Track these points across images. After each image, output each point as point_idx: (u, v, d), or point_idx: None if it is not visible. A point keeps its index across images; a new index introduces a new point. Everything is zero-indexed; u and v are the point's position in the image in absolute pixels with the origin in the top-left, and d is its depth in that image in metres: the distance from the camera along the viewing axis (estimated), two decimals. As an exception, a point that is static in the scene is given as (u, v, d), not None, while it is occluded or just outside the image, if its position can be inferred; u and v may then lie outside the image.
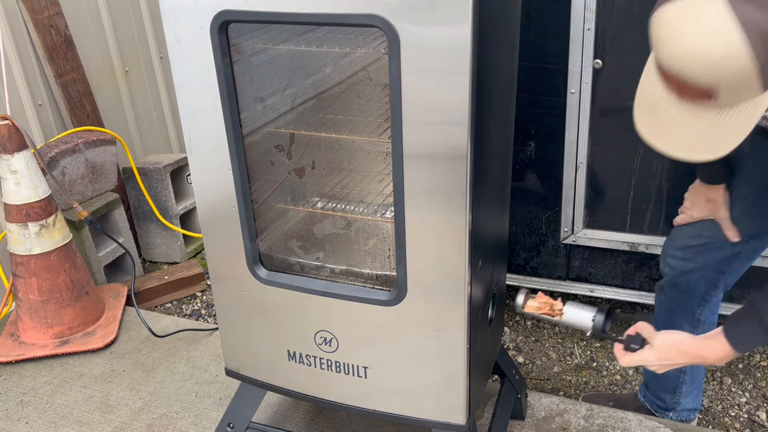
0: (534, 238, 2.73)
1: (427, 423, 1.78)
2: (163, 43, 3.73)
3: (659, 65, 1.22)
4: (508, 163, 1.90)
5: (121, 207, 3.30)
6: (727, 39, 1.08)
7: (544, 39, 2.36)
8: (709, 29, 1.09)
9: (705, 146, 1.23)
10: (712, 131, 1.21)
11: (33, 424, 2.41)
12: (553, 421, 2.30)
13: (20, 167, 2.59)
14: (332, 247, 1.88)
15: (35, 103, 3.12)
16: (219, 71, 1.55)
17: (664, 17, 1.16)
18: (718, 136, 1.21)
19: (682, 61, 1.15)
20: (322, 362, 1.82)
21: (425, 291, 1.61)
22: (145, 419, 2.41)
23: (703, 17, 1.10)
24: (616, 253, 2.64)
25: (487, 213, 1.67)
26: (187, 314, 3.21)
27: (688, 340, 1.61)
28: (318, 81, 1.78)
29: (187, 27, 1.52)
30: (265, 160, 1.80)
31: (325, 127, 1.79)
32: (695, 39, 1.11)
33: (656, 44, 1.20)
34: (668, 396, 2.29)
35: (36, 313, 2.74)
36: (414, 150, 1.45)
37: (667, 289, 2.13)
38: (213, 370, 2.63)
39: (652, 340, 1.65)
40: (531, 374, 2.76)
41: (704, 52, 1.11)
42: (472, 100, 1.37)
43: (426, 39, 1.34)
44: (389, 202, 1.85)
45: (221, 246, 1.78)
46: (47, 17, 3.11)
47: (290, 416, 2.37)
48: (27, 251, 2.67)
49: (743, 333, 1.52)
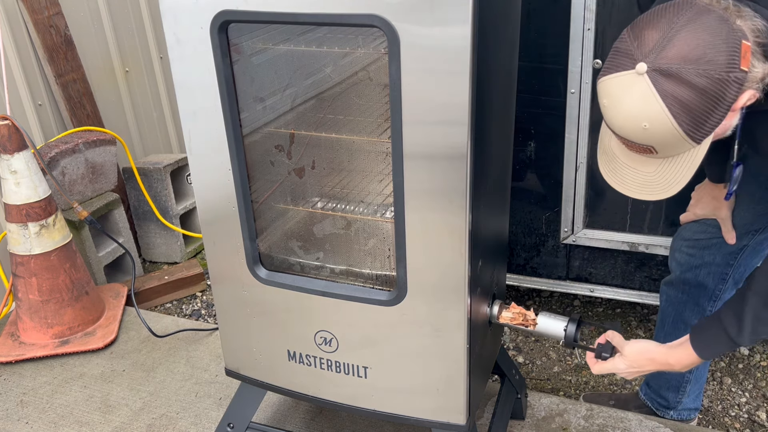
0: (534, 238, 2.73)
1: (427, 423, 1.78)
2: (163, 43, 3.73)
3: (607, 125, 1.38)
4: (508, 163, 1.90)
5: (121, 207, 3.30)
6: (652, 111, 1.25)
7: (544, 39, 2.36)
8: (638, 102, 1.26)
9: (656, 188, 1.40)
10: (659, 176, 1.38)
11: (33, 424, 2.41)
12: (553, 421, 2.30)
13: (20, 167, 2.59)
14: (332, 247, 1.88)
15: (35, 103, 3.12)
16: (219, 71, 1.55)
17: (604, 87, 1.33)
18: (665, 180, 1.38)
19: (620, 127, 1.32)
20: (322, 362, 1.82)
21: (425, 291, 1.61)
22: (145, 419, 2.41)
23: (632, 92, 1.26)
24: (616, 253, 2.64)
25: (487, 213, 1.67)
26: (187, 314, 3.21)
27: (656, 349, 1.70)
28: (318, 81, 1.78)
29: (187, 27, 1.52)
30: (265, 160, 1.80)
31: (325, 127, 1.79)
32: (628, 110, 1.28)
33: (601, 108, 1.36)
34: (671, 394, 2.29)
35: (36, 313, 2.74)
36: (414, 150, 1.45)
37: (676, 285, 2.14)
38: (213, 370, 2.63)
39: (622, 349, 1.72)
40: (531, 374, 2.76)
41: (636, 122, 1.28)
42: (472, 100, 1.37)
43: (426, 39, 1.34)
44: (389, 202, 1.85)
45: (221, 246, 1.78)
46: (47, 17, 3.11)
47: (290, 416, 2.37)
48: (27, 251, 2.67)
49: (708, 342, 1.62)
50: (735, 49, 1.24)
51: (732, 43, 1.24)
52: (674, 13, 1.27)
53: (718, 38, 1.24)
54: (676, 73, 1.23)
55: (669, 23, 1.26)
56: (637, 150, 1.36)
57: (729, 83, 1.24)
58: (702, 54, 1.23)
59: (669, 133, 1.28)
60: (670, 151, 1.33)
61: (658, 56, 1.24)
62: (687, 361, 1.65)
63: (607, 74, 1.32)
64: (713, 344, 1.62)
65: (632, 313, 3.04)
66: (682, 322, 2.17)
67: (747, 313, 1.54)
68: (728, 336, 1.58)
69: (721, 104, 1.26)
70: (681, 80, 1.23)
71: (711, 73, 1.23)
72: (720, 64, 1.23)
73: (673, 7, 1.29)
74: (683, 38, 1.24)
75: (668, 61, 1.23)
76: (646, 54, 1.25)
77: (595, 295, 2.76)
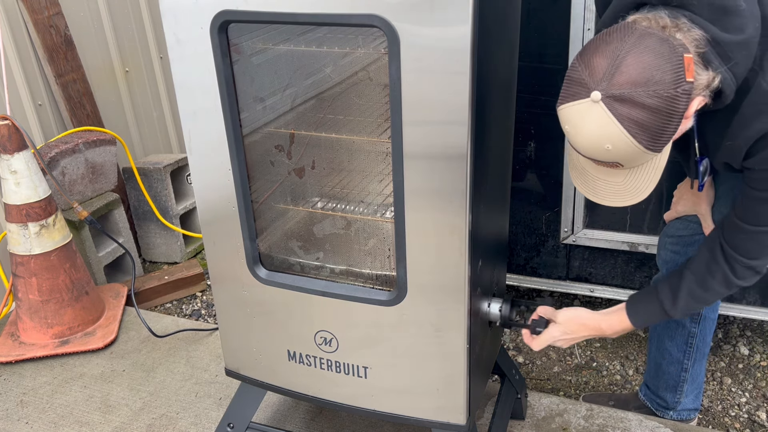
0: (534, 238, 2.73)
1: (427, 423, 1.78)
2: (163, 43, 3.73)
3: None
4: (508, 163, 1.90)
5: (121, 207, 3.30)
6: (612, 133, 1.34)
7: (544, 39, 2.36)
8: (597, 127, 1.34)
9: (627, 195, 1.50)
10: (629, 185, 1.48)
11: (33, 424, 2.41)
12: (553, 421, 2.30)
13: (20, 167, 2.59)
14: (332, 247, 1.88)
15: (35, 103, 3.12)
16: (219, 71, 1.55)
17: (564, 114, 1.40)
18: (634, 187, 1.48)
19: (585, 150, 1.41)
20: (322, 362, 1.82)
21: (425, 291, 1.61)
22: (145, 419, 2.41)
23: (591, 118, 1.34)
24: (616, 253, 2.64)
25: (487, 213, 1.67)
26: (187, 314, 3.21)
27: (588, 314, 1.83)
28: (318, 81, 1.78)
29: (187, 27, 1.52)
30: (265, 160, 1.80)
31: (325, 127, 1.79)
32: (589, 134, 1.36)
33: (565, 132, 1.43)
34: (669, 395, 2.29)
35: (36, 313, 2.74)
36: (414, 150, 1.45)
37: None
38: (213, 370, 2.63)
39: (555, 318, 1.84)
40: (531, 374, 2.76)
41: (598, 144, 1.37)
42: (472, 100, 1.37)
43: (426, 39, 1.34)
44: (389, 202, 1.85)
45: (221, 246, 1.78)
46: (47, 17, 3.11)
47: (290, 416, 2.37)
48: (27, 251, 2.67)
49: (643, 311, 1.77)
50: (678, 65, 1.33)
51: (675, 61, 1.33)
52: (618, 39, 1.35)
53: (661, 59, 1.32)
54: (628, 98, 1.31)
55: (614, 51, 1.34)
56: (605, 165, 1.44)
57: (678, 97, 1.33)
58: (650, 77, 1.31)
59: (630, 150, 1.36)
60: (634, 162, 1.42)
61: (610, 83, 1.32)
62: (619, 327, 1.79)
63: (564, 103, 1.40)
64: (647, 314, 1.77)
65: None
66: (673, 321, 2.18)
67: (682, 289, 1.70)
68: (662, 307, 1.73)
69: (674, 116, 1.35)
70: (634, 103, 1.31)
71: (660, 92, 1.31)
72: (667, 83, 1.31)
73: (616, 32, 1.37)
74: (630, 64, 1.32)
75: (619, 87, 1.31)
76: (597, 82, 1.33)
77: (595, 295, 2.76)
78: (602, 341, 2.90)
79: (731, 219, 1.65)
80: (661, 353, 2.25)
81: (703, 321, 2.14)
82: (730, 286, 1.67)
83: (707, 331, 2.18)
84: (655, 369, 2.30)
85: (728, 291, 1.69)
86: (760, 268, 1.65)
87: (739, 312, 2.54)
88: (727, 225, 1.67)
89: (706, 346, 2.21)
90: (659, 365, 2.28)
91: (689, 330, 2.16)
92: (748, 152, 1.54)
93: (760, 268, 1.65)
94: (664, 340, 2.22)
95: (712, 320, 2.16)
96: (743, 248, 1.63)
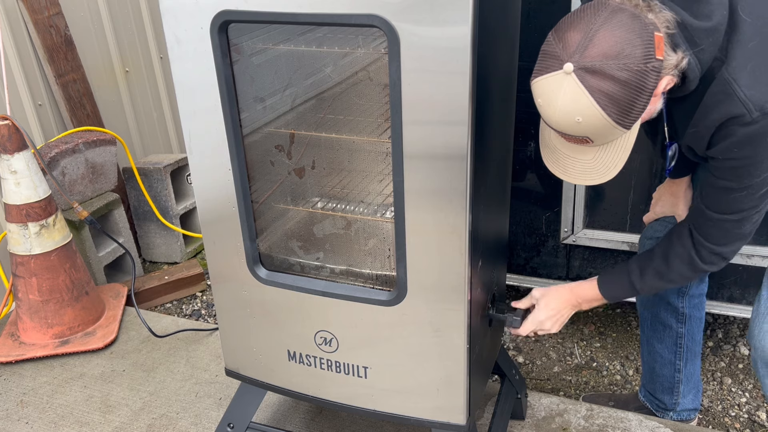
0: (534, 238, 2.73)
1: (427, 423, 1.78)
2: (163, 43, 3.73)
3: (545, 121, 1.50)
4: (508, 163, 1.90)
5: (121, 207, 3.30)
6: (583, 105, 1.37)
7: (544, 39, 2.36)
8: (569, 99, 1.37)
9: (595, 173, 1.53)
10: (597, 163, 1.51)
11: (33, 424, 2.41)
12: (553, 421, 2.30)
13: (20, 167, 2.59)
14: (332, 247, 1.88)
15: (35, 103, 3.12)
16: (219, 71, 1.55)
17: (537, 87, 1.43)
18: (603, 165, 1.51)
19: (556, 123, 1.43)
20: (322, 362, 1.82)
21: (425, 291, 1.61)
22: (145, 419, 2.41)
23: (563, 90, 1.37)
24: (616, 253, 2.64)
25: (487, 213, 1.67)
26: (187, 314, 3.21)
27: (563, 287, 1.90)
28: (318, 81, 1.78)
29: (187, 27, 1.52)
30: (265, 160, 1.80)
31: (325, 127, 1.79)
32: (561, 106, 1.39)
33: (537, 107, 1.46)
34: (666, 397, 2.29)
35: (36, 313, 2.74)
36: (414, 150, 1.45)
37: None
38: (213, 370, 2.63)
39: (537, 303, 1.90)
40: (531, 374, 2.76)
41: (570, 117, 1.39)
42: (472, 100, 1.37)
43: (426, 39, 1.34)
44: (389, 202, 1.85)
45: (221, 246, 1.78)
46: (47, 17, 3.12)
47: (290, 416, 2.37)
48: (27, 251, 2.67)
49: (613, 284, 1.84)
50: (649, 42, 1.36)
51: (646, 37, 1.36)
52: (591, 14, 1.39)
53: (632, 34, 1.35)
54: (599, 69, 1.34)
55: (588, 24, 1.37)
56: (575, 141, 1.47)
57: (648, 73, 1.36)
58: (621, 50, 1.34)
59: (600, 123, 1.39)
60: (603, 138, 1.45)
61: (582, 56, 1.35)
62: (590, 295, 1.87)
63: (538, 76, 1.42)
64: (616, 287, 1.84)
65: (632, 313, 3.04)
66: (659, 323, 2.18)
67: (650, 267, 1.77)
68: (631, 282, 1.80)
69: (644, 92, 1.38)
70: (605, 75, 1.34)
71: (630, 66, 1.34)
72: (637, 57, 1.35)
73: (590, 8, 1.41)
74: (602, 37, 1.35)
75: (591, 59, 1.35)
76: (570, 54, 1.36)
77: (595, 295, 2.76)
78: (602, 341, 2.90)
79: (698, 205, 1.69)
80: (652, 356, 2.26)
81: (689, 320, 2.14)
82: (696, 269, 1.72)
83: (695, 330, 2.17)
84: (649, 372, 2.31)
85: (694, 274, 1.74)
86: (726, 254, 1.69)
87: (739, 312, 2.54)
88: (694, 211, 1.71)
89: (696, 345, 2.21)
90: (653, 368, 2.28)
91: (676, 331, 2.16)
92: (710, 141, 1.58)
93: (726, 254, 1.69)
94: (654, 343, 2.23)
95: (698, 319, 2.16)
96: (709, 234, 1.67)
